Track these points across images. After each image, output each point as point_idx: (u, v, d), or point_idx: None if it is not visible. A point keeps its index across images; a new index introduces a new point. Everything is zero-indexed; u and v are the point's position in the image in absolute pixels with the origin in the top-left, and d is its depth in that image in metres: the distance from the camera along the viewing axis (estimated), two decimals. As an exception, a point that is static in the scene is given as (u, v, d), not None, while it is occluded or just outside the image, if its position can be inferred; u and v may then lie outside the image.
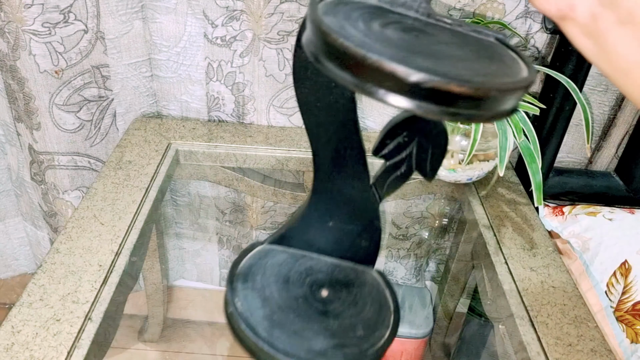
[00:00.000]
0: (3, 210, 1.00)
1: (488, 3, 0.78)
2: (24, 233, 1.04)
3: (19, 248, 1.06)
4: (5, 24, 0.76)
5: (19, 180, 0.96)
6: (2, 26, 0.76)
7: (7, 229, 1.03)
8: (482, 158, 0.74)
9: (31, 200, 0.97)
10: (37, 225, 1.01)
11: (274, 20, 0.79)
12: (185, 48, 0.84)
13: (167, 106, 0.91)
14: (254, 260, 0.52)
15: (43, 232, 1.01)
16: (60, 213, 0.94)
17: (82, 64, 0.81)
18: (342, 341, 0.46)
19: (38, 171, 0.89)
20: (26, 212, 1.01)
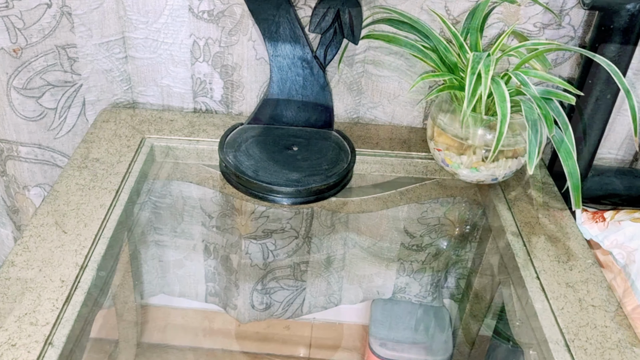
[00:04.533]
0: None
1: (517, -26, 0.77)
2: (-15, 230, 1.05)
3: (-21, 247, 1.06)
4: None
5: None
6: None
7: (-35, 225, 1.03)
8: (510, 155, 0.74)
9: (-8, 194, 0.97)
10: (0, 222, 1.01)
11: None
12: (166, 24, 0.84)
13: (144, 92, 0.91)
14: (236, 134, 0.81)
15: (7, 230, 1.01)
16: (23, 210, 0.94)
17: (44, 43, 0.81)
18: (312, 172, 0.76)
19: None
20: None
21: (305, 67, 0.80)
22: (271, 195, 0.74)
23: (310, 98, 0.82)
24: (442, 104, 0.78)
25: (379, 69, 0.87)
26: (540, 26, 0.82)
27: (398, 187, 0.84)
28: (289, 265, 0.93)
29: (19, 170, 0.89)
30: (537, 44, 0.74)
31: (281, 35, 0.78)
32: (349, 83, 0.88)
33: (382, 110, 0.91)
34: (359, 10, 0.76)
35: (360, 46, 0.84)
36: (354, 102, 0.90)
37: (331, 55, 0.80)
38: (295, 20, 0.77)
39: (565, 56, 0.85)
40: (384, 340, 0.96)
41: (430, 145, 0.80)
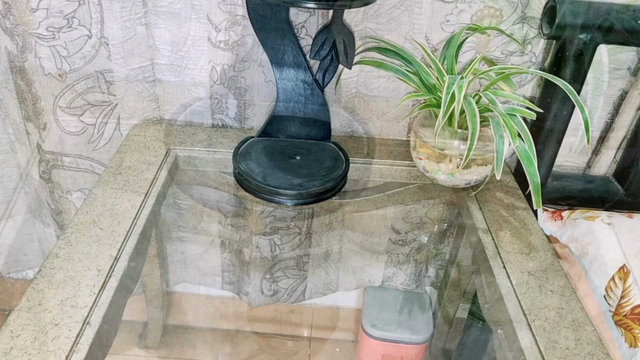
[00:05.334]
0: (12, 207, 1.01)
1: (485, 9, 0.77)
2: (33, 230, 1.05)
3: (28, 244, 1.06)
4: (14, 27, 0.76)
5: (29, 178, 0.97)
6: (12, 28, 0.77)
7: (16, 225, 1.03)
8: (480, 162, 0.74)
9: (39, 198, 0.97)
10: (45, 223, 1.01)
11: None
12: (189, 52, 0.84)
13: (169, 110, 0.91)
14: (248, 146, 0.82)
15: (50, 229, 1.01)
16: (65, 211, 0.94)
17: (85, 69, 0.81)
18: (312, 178, 0.76)
19: (46, 169, 0.90)
20: (35, 209, 1.01)
21: (307, 88, 0.80)
22: (277, 198, 0.74)
23: (310, 115, 0.82)
24: (423, 119, 0.78)
25: (370, 89, 0.87)
26: (506, 53, 0.82)
27: (386, 191, 0.84)
28: (293, 257, 0.93)
29: (62, 178, 0.90)
30: (504, 68, 0.74)
31: (286, 61, 0.78)
32: (344, 102, 0.88)
33: (372, 125, 0.90)
34: (352, 40, 0.77)
35: (353, 71, 0.84)
36: (348, 118, 0.90)
37: (329, 78, 0.80)
38: (298, 48, 0.77)
39: (528, 78, 0.85)
40: (374, 322, 0.95)
41: (413, 154, 0.80)
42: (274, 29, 0.75)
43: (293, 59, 0.77)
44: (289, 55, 0.77)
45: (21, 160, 0.96)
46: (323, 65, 0.79)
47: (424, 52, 0.76)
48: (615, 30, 0.73)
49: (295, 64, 0.78)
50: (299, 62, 0.77)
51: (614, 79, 0.84)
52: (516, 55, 0.82)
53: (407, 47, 0.81)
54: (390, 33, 0.80)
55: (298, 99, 0.80)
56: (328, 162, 0.79)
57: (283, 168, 0.77)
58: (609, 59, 0.82)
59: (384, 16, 0.79)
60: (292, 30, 0.76)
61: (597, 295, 0.73)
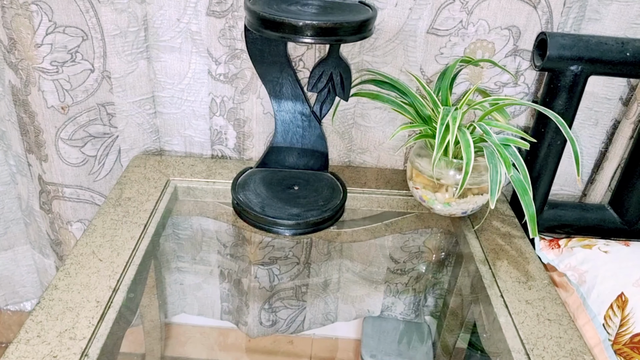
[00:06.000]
0: (12, 238, 1.01)
1: (478, 42, 0.79)
2: (32, 261, 1.05)
3: (26, 275, 1.06)
4: (18, 62, 0.78)
5: (29, 209, 0.97)
6: (16, 63, 0.78)
7: (16, 256, 1.03)
8: (476, 192, 0.75)
9: (39, 229, 0.98)
10: (44, 253, 1.01)
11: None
12: (189, 85, 0.86)
13: (170, 141, 0.92)
14: (246, 177, 0.83)
15: (50, 260, 1.01)
16: (65, 242, 0.94)
17: (87, 102, 0.83)
18: (310, 208, 0.76)
19: (46, 200, 0.90)
20: (34, 240, 1.02)
21: (304, 120, 0.81)
22: (275, 228, 0.75)
23: (308, 146, 0.83)
24: (419, 149, 0.79)
25: (366, 120, 0.88)
26: (500, 84, 0.83)
27: (383, 220, 0.84)
28: (292, 287, 0.93)
29: (63, 208, 0.90)
30: (498, 99, 0.76)
31: (284, 93, 0.79)
32: (341, 132, 0.89)
33: (369, 155, 0.92)
34: (348, 72, 0.78)
35: (350, 102, 0.85)
36: (345, 148, 0.91)
37: (326, 110, 0.81)
38: (295, 81, 0.79)
39: (521, 109, 0.86)
40: (374, 352, 0.95)
41: (409, 184, 0.81)
42: (272, 63, 0.77)
43: (291, 91, 0.79)
44: (287, 88, 0.79)
45: (22, 192, 0.97)
46: (320, 98, 0.80)
47: (419, 84, 0.78)
48: (605, 62, 0.75)
49: (293, 96, 0.79)
50: (296, 94, 0.79)
51: (606, 109, 0.85)
52: (509, 86, 0.83)
53: (403, 79, 0.82)
54: (386, 66, 0.82)
55: (296, 130, 0.81)
56: (326, 192, 0.80)
57: (281, 198, 0.78)
58: (601, 89, 0.84)
59: (379, 49, 0.81)
60: (290, 64, 0.78)
61: (596, 324, 0.73)
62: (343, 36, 0.65)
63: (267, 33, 0.64)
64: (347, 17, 0.66)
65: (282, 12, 0.65)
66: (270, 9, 0.66)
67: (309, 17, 0.64)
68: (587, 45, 0.75)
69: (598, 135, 0.88)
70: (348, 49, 0.81)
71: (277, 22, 0.63)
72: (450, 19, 0.78)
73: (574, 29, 0.80)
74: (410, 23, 0.78)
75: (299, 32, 0.62)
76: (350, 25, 0.65)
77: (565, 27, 0.79)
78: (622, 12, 0.78)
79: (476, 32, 0.79)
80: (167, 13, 0.80)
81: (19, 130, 0.87)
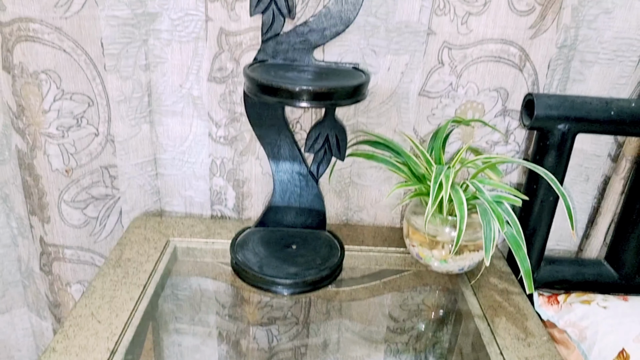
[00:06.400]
0: (10, 301, 1.01)
1: (468, 103, 0.82)
2: (29, 324, 1.04)
3: (22, 339, 1.05)
4: (26, 127, 0.81)
5: (28, 270, 0.97)
6: (24, 128, 0.81)
7: (12, 319, 1.02)
8: (472, 248, 0.75)
9: (38, 291, 0.97)
10: (42, 316, 1.00)
11: (271, 123, 0.84)
12: (190, 147, 0.89)
13: (170, 202, 0.94)
14: (245, 236, 0.84)
15: (47, 323, 1.00)
16: (64, 304, 0.94)
17: (91, 164, 0.85)
18: (308, 267, 0.77)
19: (47, 262, 0.91)
20: (32, 303, 1.01)
21: (302, 180, 0.83)
22: (274, 287, 0.75)
23: (306, 205, 0.84)
24: (414, 207, 0.80)
25: (363, 179, 0.90)
26: (491, 143, 0.86)
27: (382, 278, 0.85)
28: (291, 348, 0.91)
29: (63, 270, 0.91)
30: (489, 157, 0.78)
31: (282, 154, 0.82)
32: (338, 191, 0.91)
33: (366, 213, 0.93)
34: (344, 134, 0.81)
35: (346, 162, 0.87)
36: (342, 206, 0.93)
37: (323, 169, 0.84)
38: (293, 142, 0.81)
39: (513, 166, 0.88)
40: (375, 416, 0.92)
41: (406, 242, 0.82)
42: (270, 125, 0.79)
43: (289, 152, 0.81)
44: (285, 149, 0.81)
45: (22, 254, 0.97)
46: (317, 158, 0.83)
47: (413, 144, 0.80)
48: (590, 121, 0.77)
49: (290, 157, 0.82)
50: (294, 155, 0.81)
51: (596, 165, 0.87)
52: (500, 144, 0.86)
53: (397, 139, 0.85)
54: (381, 126, 0.85)
55: (294, 190, 0.83)
56: (324, 250, 0.81)
57: (279, 257, 0.79)
58: (590, 146, 0.87)
59: (373, 111, 0.84)
60: (288, 126, 0.81)
61: (600, 382, 0.72)
62: (338, 100, 0.68)
63: (265, 98, 0.67)
64: (342, 82, 0.69)
65: (279, 78, 0.68)
66: (268, 75, 0.69)
67: (305, 82, 0.67)
68: (572, 105, 0.78)
69: (590, 191, 0.89)
70: (343, 111, 0.84)
71: (274, 87, 0.66)
72: (440, 82, 0.81)
73: (559, 89, 0.83)
74: (403, 86, 0.82)
75: (296, 97, 0.65)
76: (345, 90, 0.68)
77: (551, 88, 0.82)
78: (604, 73, 0.82)
79: (466, 93, 0.82)
80: (170, 79, 0.84)
81: (22, 193, 0.89)
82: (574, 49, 0.81)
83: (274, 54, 0.75)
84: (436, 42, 0.79)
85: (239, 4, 0.76)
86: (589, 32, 0.80)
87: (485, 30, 0.78)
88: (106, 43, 0.78)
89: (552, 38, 0.77)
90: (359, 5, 0.72)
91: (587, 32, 0.80)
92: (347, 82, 0.69)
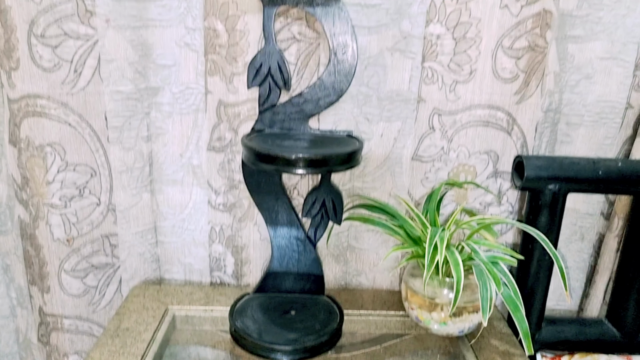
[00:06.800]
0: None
1: (460, 166, 0.85)
2: (21, 400, 1.01)
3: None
4: (29, 198, 0.83)
5: (26, 342, 0.96)
6: (27, 199, 0.83)
7: (5, 396, 1.00)
8: (471, 310, 0.75)
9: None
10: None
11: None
12: (190, 214, 0.90)
13: (170, 270, 0.94)
14: (244, 303, 0.84)
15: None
16: (60, 378, 0.92)
17: (92, 234, 0.86)
18: (307, 332, 0.77)
19: (45, 332, 0.90)
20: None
21: (300, 244, 0.84)
22: (273, 354, 0.74)
23: (304, 270, 0.85)
24: (412, 270, 0.81)
25: (360, 243, 0.91)
26: (485, 204, 0.87)
27: (382, 343, 0.83)
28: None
29: (61, 340, 0.90)
30: (483, 218, 0.79)
31: (280, 220, 0.83)
32: (336, 255, 0.92)
33: (364, 277, 0.93)
34: (340, 198, 0.83)
35: (343, 226, 0.89)
36: (341, 271, 0.93)
37: (320, 234, 0.85)
38: (290, 208, 0.83)
39: (508, 226, 0.89)
40: None
41: (405, 304, 0.81)
42: (268, 192, 0.81)
43: (286, 217, 0.83)
44: (283, 215, 0.83)
45: (21, 325, 0.97)
46: (314, 223, 0.84)
47: (408, 207, 0.82)
48: (579, 181, 0.79)
49: (288, 223, 0.83)
50: (291, 220, 0.83)
51: (589, 223, 0.89)
52: (494, 205, 0.87)
53: (392, 202, 0.87)
54: (376, 190, 0.87)
55: (292, 255, 0.84)
56: (323, 315, 0.81)
57: (278, 323, 0.78)
58: (582, 205, 0.88)
59: (369, 176, 0.86)
60: (285, 192, 0.83)
61: None
62: (333, 166, 0.70)
63: (263, 166, 0.69)
64: (336, 150, 0.71)
65: (276, 147, 0.71)
66: (266, 144, 0.72)
67: (301, 150, 0.70)
68: (561, 165, 0.80)
69: (586, 250, 0.90)
70: (339, 176, 0.86)
71: (272, 156, 0.68)
72: (432, 146, 0.84)
73: (548, 151, 0.86)
74: (396, 151, 0.84)
75: (292, 164, 0.67)
76: (339, 157, 0.70)
77: (539, 149, 0.85)
78: (590, 134, 0.85)
79: (457, 157, 0.84)
80: (171, 149, 0.87)
81: (23, 263, 0.90)
82: (559, 112, 0.84)
83: (271, 124, 0.78)
84: (426, 109, 0.82)
85: (237, 77, 0.80)
86: (573, 96, 0.83)
87: (473, 97, 0.81)
88: (110, 116, 0.81)
89: (537, 103, 0.81)
90: (351, 76, 0.76)
91: (571, 96, 0.84)
92: (342, 149, 0.72)
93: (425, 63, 0.80)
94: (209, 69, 0.81)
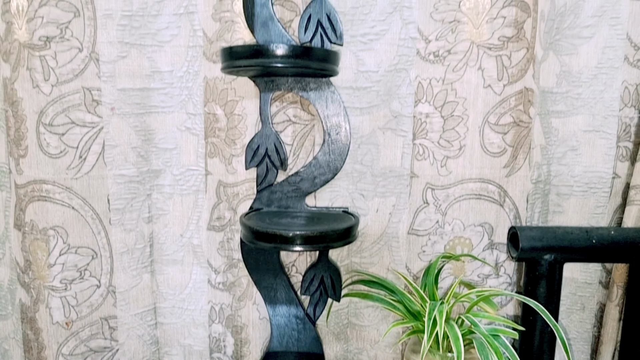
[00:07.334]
0: None
1: (456, 239, 0.86)
2: None
3: None
4: (31, 281, 0.83)
5: None
6: (29, 282, 0.84)
7: None
8: (475, 386, 0.73)
9: None
10: None
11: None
12: (190, 294, 0.90)
13: (169, 352, 0.93)
14: None
15: None
16: None
17: (91, 316, 0.86)
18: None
19: None
20: None
21: (299, 322, 0.83)
22: None
23: (304, 349, 0.84)
24: (413, 345, 0.80)
25: (360, 319, 0.90)
26: (483, 276, 0.88)
27: None
28: None
29: None
30: (482, 290, 0.79)
31: (278, 298, 0.83)
32: (337, 333, 0.90)
33: (366, 355, 0.91)
34: (338, 274, 0.83)
35: (343, 302, 0.88)
36: (342, 349, 0.91)
37: (319, 311, 0.84)
38: (289, 286, 0.83)
39: (508, 298, 0.89)
40: None
41: (408, 382, 0.80)
42: (266, 270, 0.82)
43: (285, 295, 0.83)
44: (281, 293, 0.83)
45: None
46: (314, 300, 0.84)
47: (406, 281, 0.82)
48: (574, 250, 0.80)
49: (287, 300, 0.83)
50: (290, 298, 0.83)
51: (589, 293, 0.88)
52: (492, 277, 0.87)
53: (390, 277, 0.87)
54: (374, 266, 0.87)
55: (291, 334, 0.83)
56: None
57: None
58: (580, 275, 0.88)
59: (366, 251, 0.87)
60: (283, 270, 0.83)
61: None
62: (330, 243, 0.71)
63: (261, 244, 0.71)
64: (333, 226, 0.73)
65: (274, 225, 0.72)
66: (263, 222, 0.74)
67: (298, 228, 0.71)
68: (555, 235, 0.81)
69: (588, 320, 0.89)
70: (337, 252, 0.87)
71: (269, 234, 0.70)
72: (427, 220, 0.86)
73: (541, 221, 0.87)
74: (392, 226, 0.86)
75: (290, 242, 0.69)
76: (336, 233, 0.71)
77: (532, 220, 0.86)
78: (581, 204, 0.87)
79: (452, 230, 0.86)
80: (171, 230, 0.88)
81: (22, 348, 0.89)
82: (549, 184, 0.87)
83: (269, 203, 0.80)
84: (419, 183, 0.84)
85: (236, 158, 0.83)
86: (560, 168, 0.86)
87: (464, 171, 0.84)
88: (112, 199, 0.84)
89: (526, 175, 0.83)
90: (345, 155, 0.79)
91: (559, 167, 0.86)
92: (338, 225, 0.73)
93: (416, 140, 0.83)
94: (209, 151, 0.85)
